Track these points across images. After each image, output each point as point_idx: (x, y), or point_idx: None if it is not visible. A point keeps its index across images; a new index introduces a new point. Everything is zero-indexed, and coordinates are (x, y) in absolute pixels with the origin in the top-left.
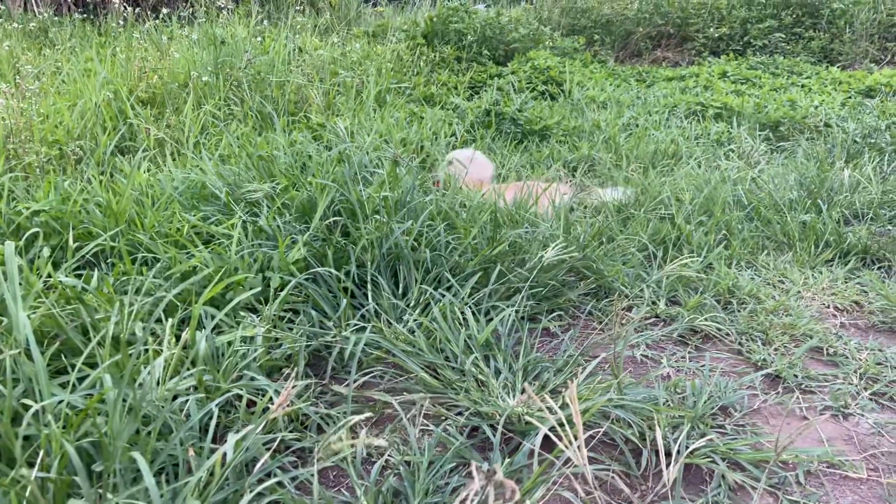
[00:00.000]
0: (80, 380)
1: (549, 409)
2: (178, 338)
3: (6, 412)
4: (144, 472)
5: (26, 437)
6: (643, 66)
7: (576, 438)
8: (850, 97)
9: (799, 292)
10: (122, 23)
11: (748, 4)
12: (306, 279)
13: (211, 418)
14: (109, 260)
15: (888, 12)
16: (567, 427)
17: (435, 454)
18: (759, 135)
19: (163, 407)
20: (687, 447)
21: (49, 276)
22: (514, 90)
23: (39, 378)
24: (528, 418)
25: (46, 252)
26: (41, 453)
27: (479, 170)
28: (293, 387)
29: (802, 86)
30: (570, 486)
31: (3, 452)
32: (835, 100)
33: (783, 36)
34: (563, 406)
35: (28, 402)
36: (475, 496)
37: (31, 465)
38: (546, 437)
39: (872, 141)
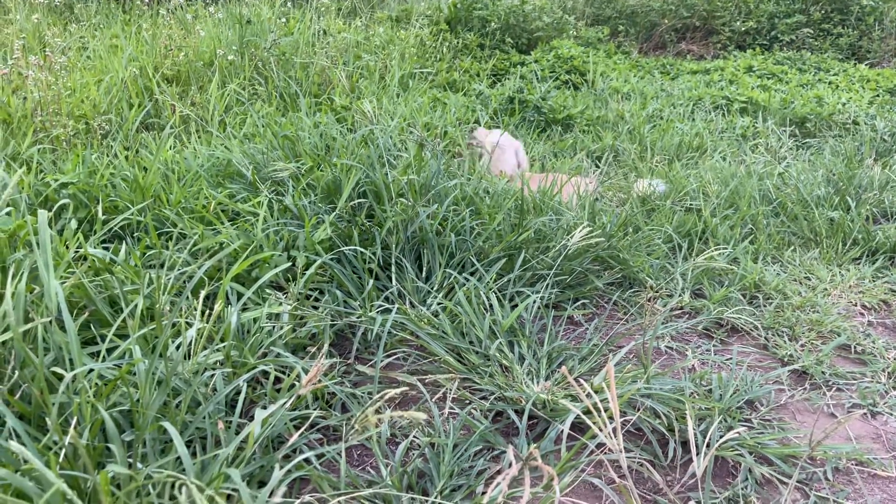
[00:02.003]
0: (109, 351)
1: (586, 393)
2: (203, 313)
3: (38, 379)
4: (177, 441)
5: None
6: (667, 58)
7: (611, 421)
8: (878, 95)
9: (826, 289)
10: (146, 0)
11: None
12: (332, 259)
13: (238, 393)
14: (136, 234)
15: None
16: (599, 413)
17: (459, 437)
18: (785, 130)
19: (190, 381)
20: (718, 439)
21: (79, 247)
22: (538, 79)
23: (71, 347)
24: (561, 401)
25: (74, 224)
26: (73, 421)
27: (505, 157)
28: (321, 364)
29: (830, 83)
30: (597, 472)
31: (32, 419)
32: (863, 98)
33: (811, 32)
34: (589, 394)
35: (58, 370)
36: (507, 479)
37: (64, 432)
38: (570, 426)
39: None
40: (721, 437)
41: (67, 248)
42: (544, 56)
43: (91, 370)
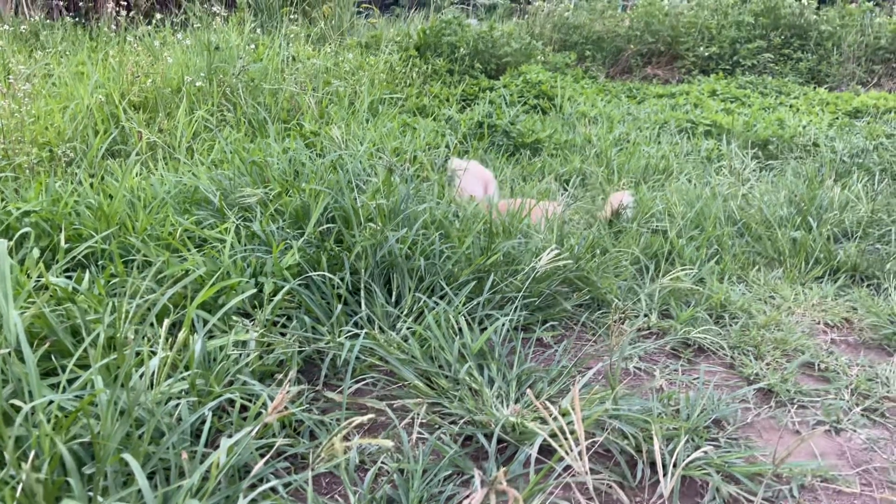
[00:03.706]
0: (70, 382)
1: (552, 416)
2: (167, 341)
3: None
4: (137, 473)
5: (15, 438)
6: (634, 82)
7: (577, 444)
8: (837, 118)
9: (790, 308)
10: (114, 27)
11: (737, 25)
12: (300, 285)
13: (203, 423)
14: (100, 262)
15: (875, 35)
16: (565, 436)
17: (429, 462)
18: (748, 152)
19: (154, 410)
20: (685, 459)
21: (40, 276)
22: (506, 103)
23: (30, 378)
24: (528, 425)
25: (36, 253)
26: (31, 454)
27: (472, 183)
28: (287, 392)
29: (791, 106)
30: (566, 495)
31: None
32: (822, 120)
33: (772, 56)
34: (561, 415)
35: (17, 402)
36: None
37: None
38: (540, 448)
39: (860, 161)
40: (688, 456)
41: (29, 277)
42: (513, 81)
43: (51, 402)
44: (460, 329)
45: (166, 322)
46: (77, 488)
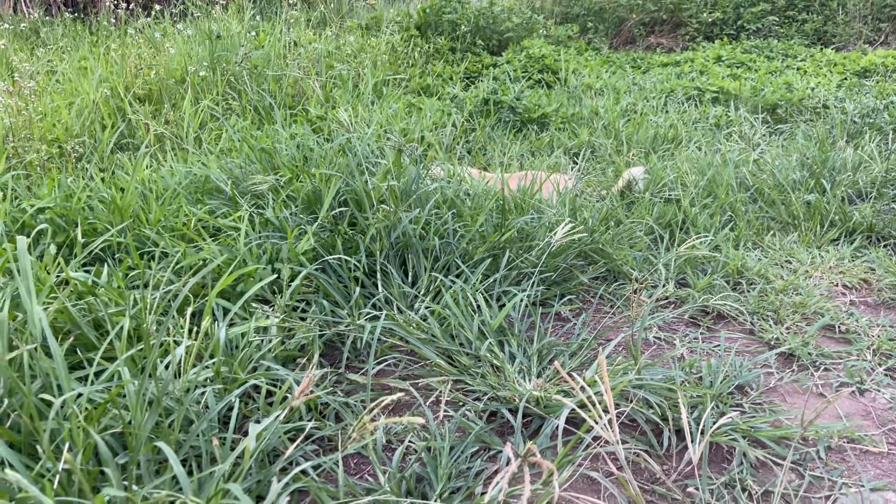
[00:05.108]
0: (97, 375)
1: (580, 386)
2: (191, 331)
3: (27, 407)
4: (172, 460)
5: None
6: (637, 52)
7: (606, 413)
8: (845, 78)
9: (807, 271)
10: (113, 21)
11: None
12: (316, 269)
13: (231, 409)
14: (117, 255)
15: None
16: (594, 405)
17: (455, 439)
18: (758, 117)
19: (182, 399)
20: (711, 426)
21: (60, 271)
22: (511, 79)
23: (58, 372)
24: (554, 397)
25: (53, 249)
26: (65, 447)
27: None
28: (312, 375)
29: (798, 68)
30: (595, 466)
31: (23, 447)
32: (831, 81)
33: (776, 19)
34: (583, 388)
35: (46, 396)
36: (507, 476)
37: (56, 459)
38: (566, 421)
39: (871, 121)
40: (714, 423)
41: (48, 273)
42: (516, 56)
43: (80, 395)
44: (478, 306)
45: (188, 312)
46: (114, 477)
